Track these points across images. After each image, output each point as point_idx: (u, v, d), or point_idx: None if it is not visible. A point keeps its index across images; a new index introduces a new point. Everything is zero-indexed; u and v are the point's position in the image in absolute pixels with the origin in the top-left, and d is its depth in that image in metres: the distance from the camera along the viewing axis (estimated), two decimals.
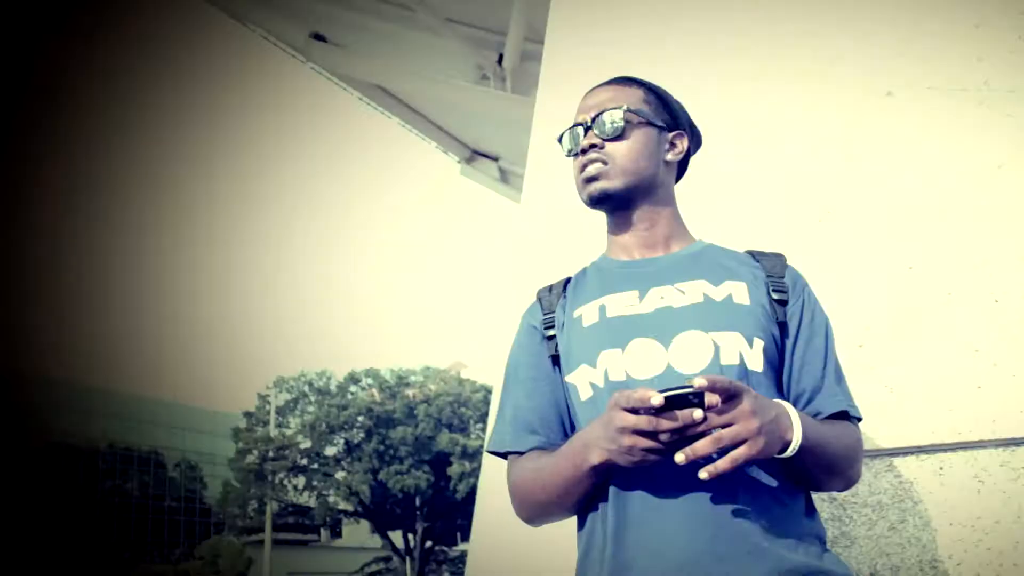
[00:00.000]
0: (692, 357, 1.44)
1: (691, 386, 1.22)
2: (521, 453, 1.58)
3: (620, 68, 3.00)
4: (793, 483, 1.43)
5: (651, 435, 1.25)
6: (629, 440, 1.26)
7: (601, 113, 1.63)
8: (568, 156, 1.69)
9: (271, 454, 33.82)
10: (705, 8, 2.84)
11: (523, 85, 7.76)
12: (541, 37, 3.36)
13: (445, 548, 36.85)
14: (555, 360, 1.61)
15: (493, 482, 2.68)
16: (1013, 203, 2.20)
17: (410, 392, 35.44)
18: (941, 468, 2.03)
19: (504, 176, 9.83)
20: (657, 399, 1.22)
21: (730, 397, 1.25)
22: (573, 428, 1.58)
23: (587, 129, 1.64)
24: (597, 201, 1.64)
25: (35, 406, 45.10)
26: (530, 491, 1.52)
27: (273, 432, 34.76)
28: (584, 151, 1.63)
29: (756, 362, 1.46)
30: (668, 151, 1.68)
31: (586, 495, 1.45)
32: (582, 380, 1.52)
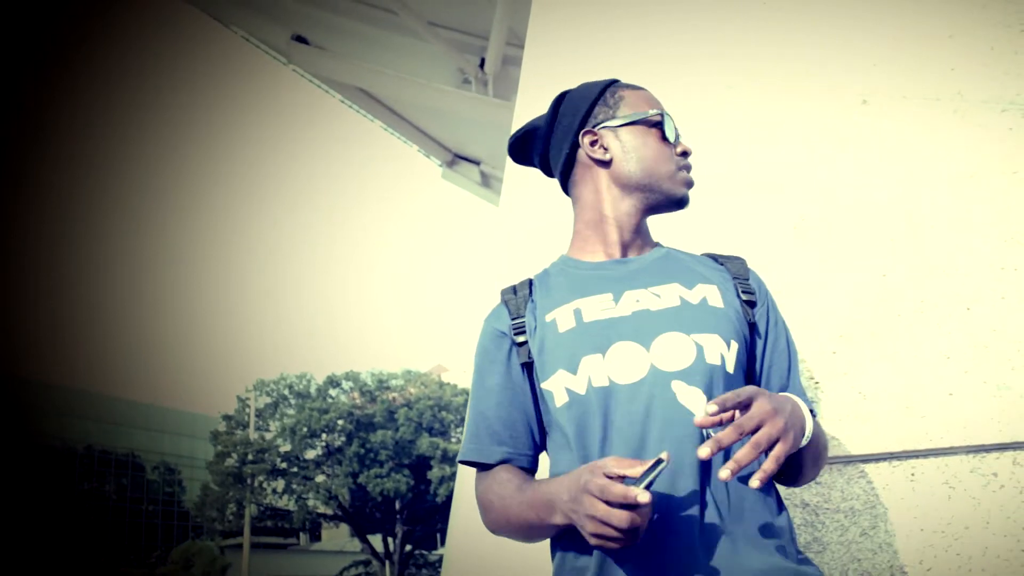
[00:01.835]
0: (675, 357, 1.43)
1: (661, 459, 1.19)
2: (490, 465, 1.56)
3: (599, 74, 3.01)
4: (774, 481, 1.46)
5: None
6: (596, 528, 1.23)
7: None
8: (669, 143, 1.67)
9: (250, 457, 33.68)
10: (682, 15, 2.85)
11: (504, 89, 7.77)
12: (523, 41, 3.37)
13: (425, 552, 36.80)
14: (526, 366, 1.57)
15: (469, 487, 2.68)
16: (985, 212, 2.22)
17: (390, 396, 35.39)
18: (913, 474, 2.05)
19: (485, 180, 9.83)
20: (644, 497, 1.16)
21: (745, 404, 1.26)
22: (543, 435, 1.57)
23: (678, 133, 1.69)
24: (683, 204, 1.67)
25: (11, 408, 44.71)
26: (496, 517, 1.51)
27: (252, 435, 34.62)
28: (688, 155, 1.68)
29: (732, 364, 1.46)
30: None
31: (549, 535, 1.45)
32: (558, 386, 1.49)
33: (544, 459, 1.61)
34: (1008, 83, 2.30)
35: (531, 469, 1.58)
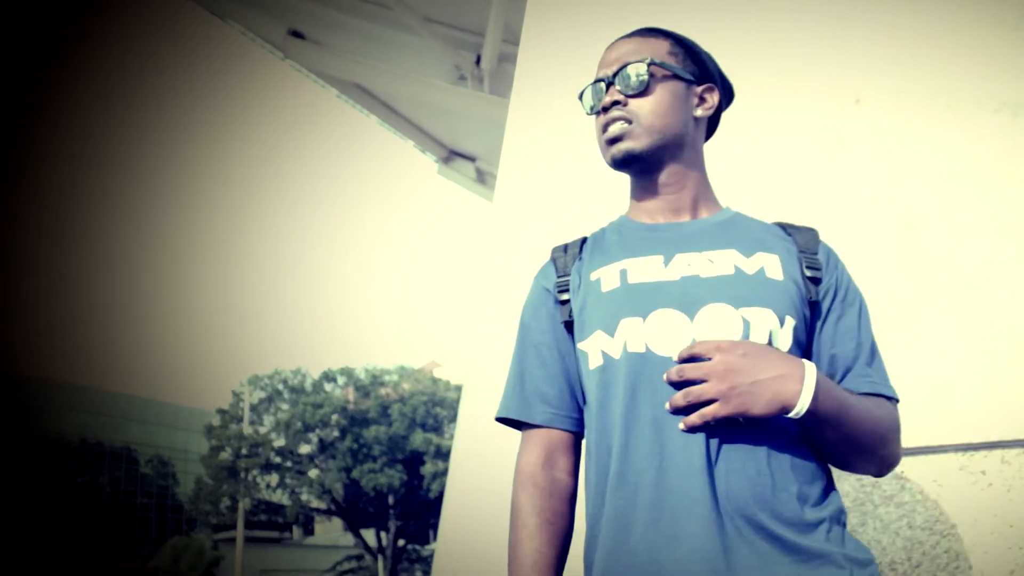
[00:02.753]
0: (719, 332, 1.34)
1: None
2: (532, 425, 1.50)
3: (594, 72, 3.02)
4: (817, 458, 1.36)
5: None
6: None
7: (624, 67, 1.52)
8: (590, 114, 1.58)
9: (244, 451, 33.66)
10: (677, 14, 2.86)
11: (500, 86, 7.75)
12: (519, 39, 3.38)
13: (418, 547, 36.78)
14: (567, 325, 1.51)
15: (461, 482, 2.68)
16: (977, 210, 2.23)
17: (384, 391, 35.35)
18: (902, 472, 2.06)
19: (481, 176, 9.81)
20: None
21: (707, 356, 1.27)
22: (584, 398, 1.49)
23: (609, 84, 1.53)
24: (621, 163, 1.52)
25: (7, 402, 44.62)
26: (510, 532, 1.45)
27: (247, 429, 34.58)
28: (606, 109, 1.52)
29: (785, 342, 1.37)
30: (697, 106, 1.57)
31: None
32: (594, 347, 1.43)
33: None
34: (1000, 83, 2.32)
35: (577, 432, 1.50)
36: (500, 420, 1.56)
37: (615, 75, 1.53)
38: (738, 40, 2.71)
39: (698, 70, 1.58)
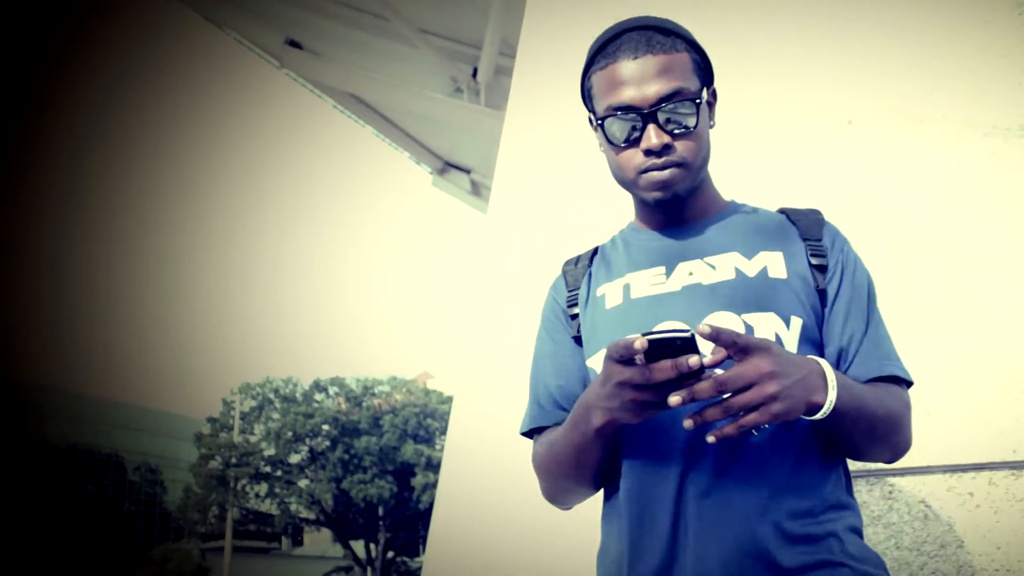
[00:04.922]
0: None
1: (682, 329, 1.11)
2: (547, 428, 1.48)
3: None
4: (828, 451, 1.32)
5: (649, 388, 1.13)
6: (630, 395, 1.15)
7: (667, 102, 1.35)
8: (617, 145, 1.40)
9: (234, 460, 33.62)
10: None
11: (496, 99, 7.77)
12: (515, 52, 3.39)
13: (407, 559, 36.70)
14: (579, 340, 1.49)
15: (450, 495, 2.68)
16: (966, 235, 2.24)
17: (376, 402, 35.35)
18: (890, 492, 2.06)
19: (476, 189, 9.84)
20: (640, 342, 1.09)
21: (742, 351, 1.13)
22: None
23: (647, 119, 1.35)
24: (665, 203, 1.42)
25: None
26: (546, 467, 1.44)
27: (237, 438, 34.54)
28: (656, 152, 1.36)
29: (792, 344, 1.32)
30: (711, 114, 1.47)
31: (599, 465, 1.36)
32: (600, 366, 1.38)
33: None
34: (991, 107, 2.33)
35: None
36: (525, 435, 1.54)
37: (655, 109, 1.35)
38: (729, 62, 2.72)
39: (706, 74, 1.46)
